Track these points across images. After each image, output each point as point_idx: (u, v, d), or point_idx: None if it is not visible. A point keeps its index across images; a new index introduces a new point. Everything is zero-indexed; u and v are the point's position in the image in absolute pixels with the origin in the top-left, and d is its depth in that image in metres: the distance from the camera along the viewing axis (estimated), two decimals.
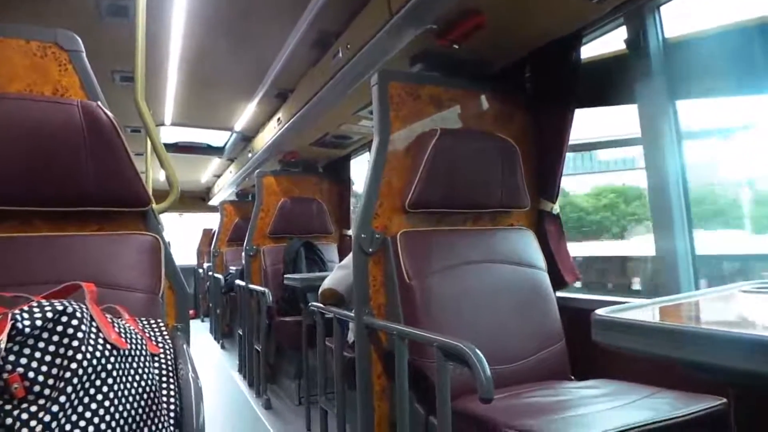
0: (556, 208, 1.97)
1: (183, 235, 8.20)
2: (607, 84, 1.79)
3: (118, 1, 2.14)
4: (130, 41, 1.65)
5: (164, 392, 1.08)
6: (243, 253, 3.87)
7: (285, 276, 3.08)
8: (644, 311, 0.91)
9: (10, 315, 0.83)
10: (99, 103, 1.30)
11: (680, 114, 1.60)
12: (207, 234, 7.98)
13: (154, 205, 1.43)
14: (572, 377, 1.68)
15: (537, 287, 1.75)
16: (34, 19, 2.21)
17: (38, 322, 0.84)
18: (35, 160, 1.20)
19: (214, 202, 7.27)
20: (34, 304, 0.87)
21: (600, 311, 0.82)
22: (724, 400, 1.18)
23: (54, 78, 1.36)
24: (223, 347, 5.44)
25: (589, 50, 1.85)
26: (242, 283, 3.88)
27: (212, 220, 7.83)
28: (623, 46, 1.70)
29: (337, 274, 2.08)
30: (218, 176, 6.64)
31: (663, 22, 1.61)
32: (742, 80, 1.55)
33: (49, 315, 0.85)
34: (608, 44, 1.81)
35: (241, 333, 4.08)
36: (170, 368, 1.13)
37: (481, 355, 1.09)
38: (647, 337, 0.72)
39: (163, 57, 2.71)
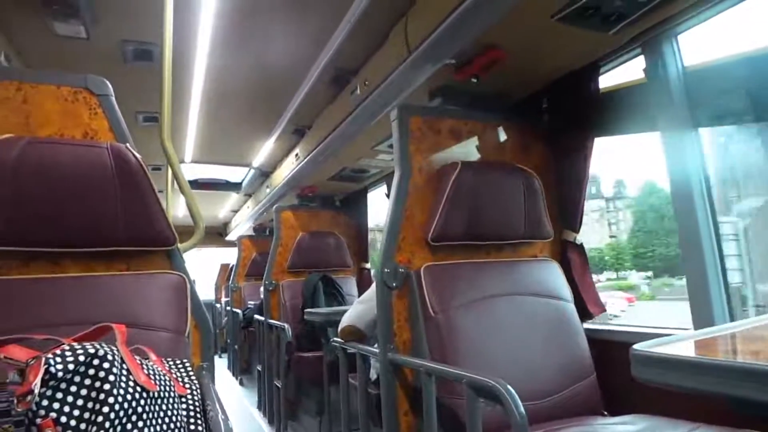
0: (579, 238, 1.95)
1: (201, 270, 8.24)
2: (627, 113, 1.79)
3: (142, 46, 2.21)
4: (153, 83, 1.70)
5: None
6: (262, 288, 3.87)
7: (305, 311, 3.06)
8: (682, 345, 0.89)
9: (43, 359, 0.83)
10: (127, 144, 1.33)
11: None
12: (225, 269, 8.02)
13: (179, 244, 1.44)
14: (605, 412, 1.63)
15: (564, 319, 1.71)
16: (62, 64, 2.29)
17: (70, 366, 0.84)
18: (66, 202, 1.23)
19: (231, 237, 7.33)
20: (66, 347, 0.87)
21: (638, 346, 0.79)
22: None
23: (84, 122, 1.39)
24: (241, 383, 5.40)
25: (609, 78, 1.86)
26: (261, 318, 3.87)
27: (229, 255, 7.87)
28: (642, 74, 1.71)
29: (357, 309, 2.06)
30: (235, 211, 6.70)
31: (681, 50, 1.61)
32: (763, 107, 1.53)
33: (81, 358, 0.85)
34: (628, 71, 1.81)
35: (260, 369, 4.05)
36: (198, 409, 1.12)
37: (514, 392, 1.06)
38: (693, 372, 0.70)
39: (185, 97, 2.78)
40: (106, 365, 0.86)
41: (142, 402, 0.91)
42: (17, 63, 2.15)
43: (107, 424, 0.82)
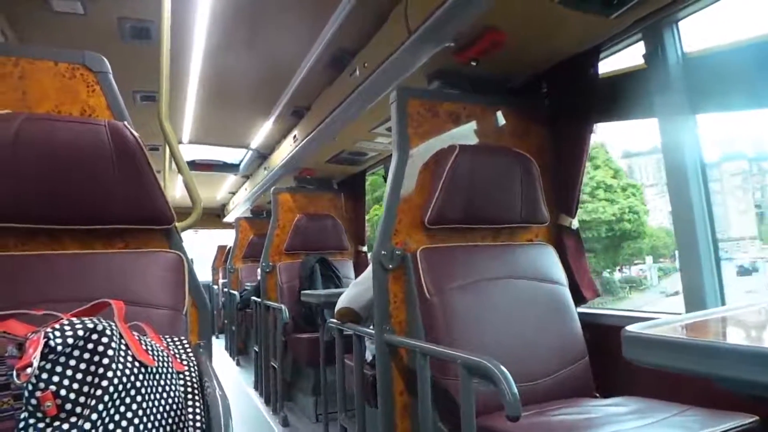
0: (575, 223, 1.96)
1: (198, 252, 8.24)
2: (625, 98, 1.79)
3: (140, 24, 2.19)
4: (151, 62, 1.69)
5: (190, 409, 1.08)
6: (259, 270, 3.88)
7: (302, 292, 3.08)
8: (673, 327, 0.90)
9: (42, 333, 0.83)
10: (125, 123, 1.33)
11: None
12: (222, 251, 8.03)
13: (177, 223, 1.44)
14: (596, 395, 1.65)
15: (559, 303, 1.73)
16: (58, 41, 2.27)
17: (69, 340, 0.84)
18: (64, 178, 1.23)
19: (229, 218, 7.33)
20: (65, 322, 0.87)
21: (630, 328, 0.81)
22: (756, 417, 1.16)
23: (82, 98, 1.39)
24: (238, 364, 5.44)
25: (608, 64, 1.86)
26: (258, 300, 3.89)
27: (226, 237, 7.88)
28: (642, 60, 1.70)
29: (353, 291, 2.08)
30: (233, 193, 6.69)
31: (681, 36, 1.61)
32: (763, 94, 1.54)
33: (80, 333, 0.86)
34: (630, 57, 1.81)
35: (257, 349, 4.08)
36: (195, 385, 1.14)
37: (507, 372, 1.08)
38: (683, 353, 0.71)
39: (183, 77, 2.76)
40: (105, 340, 0.87)
41: (141, 377, 0.92)
42: (14, 39, 2.13)
43: (106, 398, 0.83)
